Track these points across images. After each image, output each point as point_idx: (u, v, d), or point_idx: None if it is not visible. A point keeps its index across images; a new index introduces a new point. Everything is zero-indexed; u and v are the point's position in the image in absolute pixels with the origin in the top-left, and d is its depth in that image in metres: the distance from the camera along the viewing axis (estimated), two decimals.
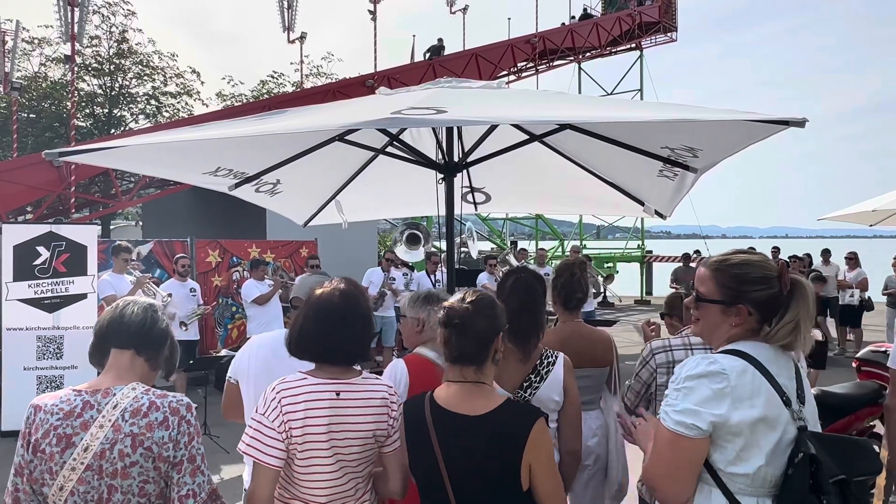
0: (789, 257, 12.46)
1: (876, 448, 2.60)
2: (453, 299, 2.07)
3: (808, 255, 12.75)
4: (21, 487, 1.77)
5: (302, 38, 16.55)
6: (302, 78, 19.02)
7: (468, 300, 2.03)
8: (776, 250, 13.29)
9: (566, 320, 3.10)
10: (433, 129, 3.78)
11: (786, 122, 2.24)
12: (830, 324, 11.73)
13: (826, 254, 12.01)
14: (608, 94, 24.56)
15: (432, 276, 10.12)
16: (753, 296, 1.74)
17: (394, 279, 9.66)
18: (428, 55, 18.40)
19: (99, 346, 1.91)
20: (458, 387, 1.97)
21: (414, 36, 19.61)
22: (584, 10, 24.11)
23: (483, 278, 10.34)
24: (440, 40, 18.80)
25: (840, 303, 11.36)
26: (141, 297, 2.05)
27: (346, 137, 3.76)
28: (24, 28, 14.20)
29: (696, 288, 1.86)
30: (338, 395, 2.01)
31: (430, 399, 2.01)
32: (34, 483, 1.76)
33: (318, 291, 2.14)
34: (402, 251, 6.03)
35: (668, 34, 24.69)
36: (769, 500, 1.65)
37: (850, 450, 1.70)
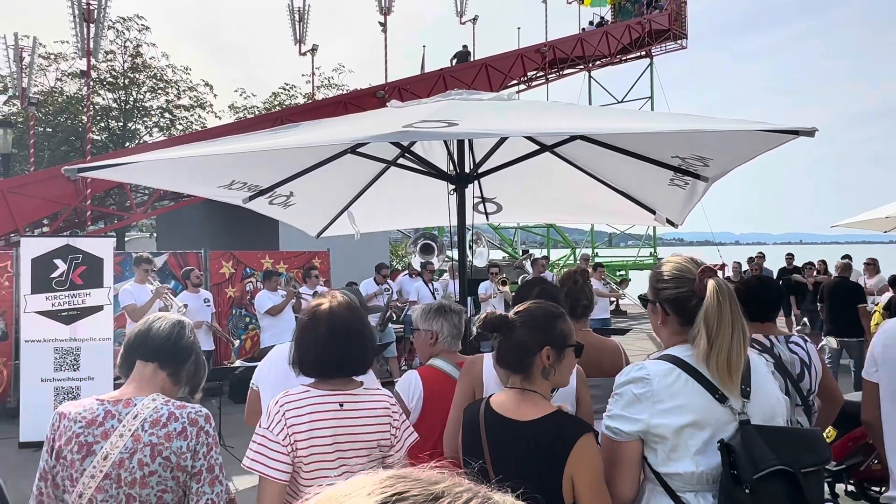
0: (804, 264, 12.34)
1: None
2: (520, 306, 2.08)
3: (823, 262, 12.63)
4: (45, 492, 1.82)
5: (313, 50, 16.70)
6: (313, 90, 19.17)
7: (521, 309, 2.05)
8: (790, 257, 13.17)
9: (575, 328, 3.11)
10: (444, 141, 3.81)
11: (795, 132, 2.26)
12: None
13: (846, 260, 11.85)
14: (619, 102, 24.55)
15: (430, 285, 10.18)
16: (663, 294, 1.83)
17: (388, 288, 9.69)
18: (454, 61, 18.69)
19: (126, 357, 1.96)
20: (510, 393, 2.00)
21: (424, 46, 19.75)
22: (602, 18, 24.17)
23: (485, 286, 10.35)
24: (465, 47, 19.10)
25: None
26: (171, 314, 2.08)
27: (359, 150, 3.80)
28: (40, 44, 14.39)
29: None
30: (341, 405, 2.02)
31: (486, 403, 2.04)
32: (56, 489, 1.81)
33: (316, 309, 2.12)
34: (416, 261, 6.10)
35: (678, 41, 24.68)
36: (709, 494, 1.67)
37: (796, 441, 1.71)
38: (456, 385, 2.72)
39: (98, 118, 21.34)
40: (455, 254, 3.86)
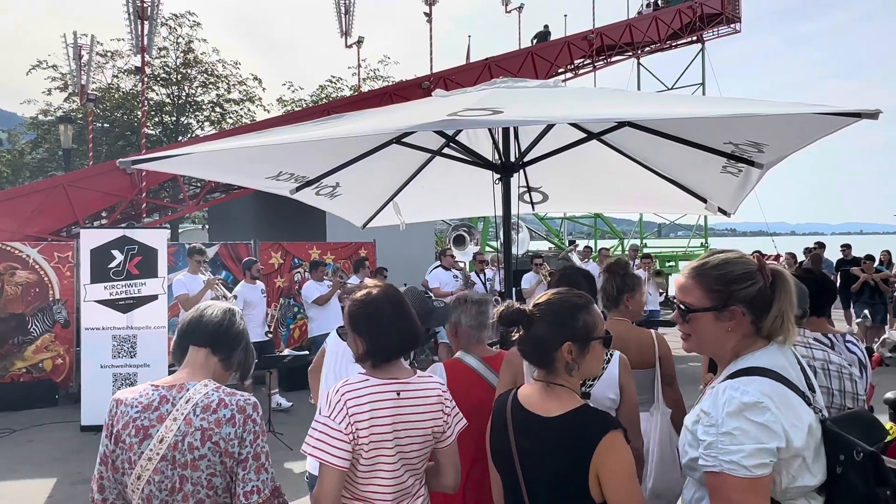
0: (864, 256, 11.83)
1: None
2: (542, 297, 2.01)
3: (888, 253, 12.07)
4: (106, 475, 1.89)
5: (359, 42, 16.82)
6: (359, 81, 19.31)
7: (541, 301, 1.97)
8: (846, 248, 12.63)
9: (609, 318, 3.08)
10: (489, 130, 3.78)
11: (857, 115, 2.15)
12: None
13: None
14: (668, 89, 23.97)
15: (482, 276, 10.09)
16: (742, 293, 1.65)
17: (457, 275, 9.71)
18: (535, 41, 18.70)
19: (180, 343, 2.02)
20: (536, 386, 1.96)
21: (469, 36, 19.71)
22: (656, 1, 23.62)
23: (529, 278, 10.19)
24: (546, 27, 19.10)
25: None
26: (222, 302, 2.14)
27: (404, 140, 3.80)
28: (98, 42, 14.87)
29: (679, 301, 1.73)
30: (398, 394, 2.05)
31: (513, 396, 2.00)
32: (116, 472, 1.88)
33: (369, 297, 2.13)
34: (459, 254, 6.13)
35: (732, 25, 23.90)
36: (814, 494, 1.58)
37: (858, 424, 1.64)
38: (477, 381, 2.73)
39: (152, 113, 21.96)
40: (499, 244, 3.83)
